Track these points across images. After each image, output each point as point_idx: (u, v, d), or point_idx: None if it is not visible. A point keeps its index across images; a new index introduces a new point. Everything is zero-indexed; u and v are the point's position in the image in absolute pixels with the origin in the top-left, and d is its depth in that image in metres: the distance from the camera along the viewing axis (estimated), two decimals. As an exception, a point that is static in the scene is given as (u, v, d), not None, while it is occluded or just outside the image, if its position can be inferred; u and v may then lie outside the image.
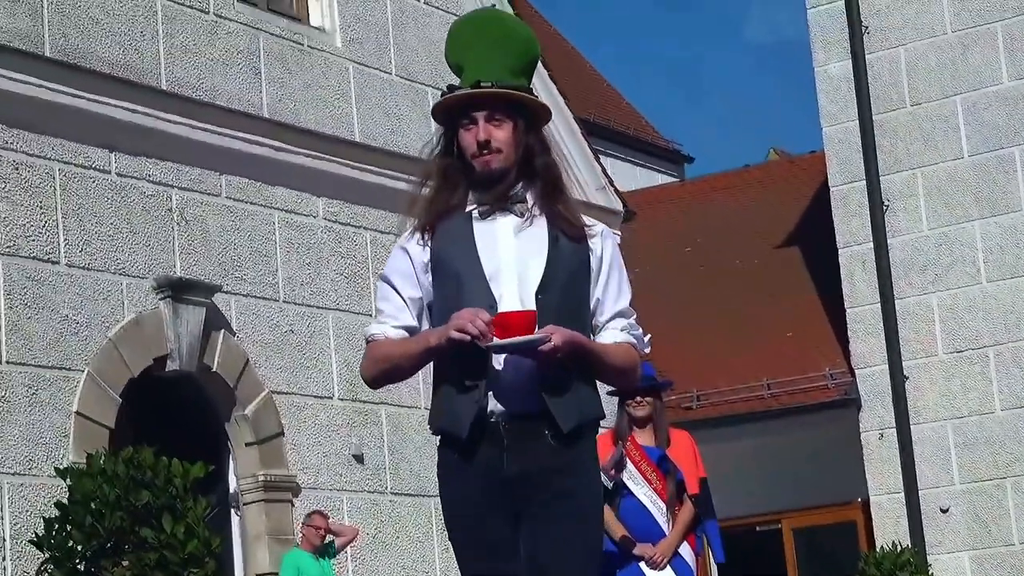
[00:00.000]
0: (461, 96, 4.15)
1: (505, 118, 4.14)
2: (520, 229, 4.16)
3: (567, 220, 4.19)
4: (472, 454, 4.10)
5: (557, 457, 4.12)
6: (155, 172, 13.39)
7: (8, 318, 12.10)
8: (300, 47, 14.90)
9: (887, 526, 17.62)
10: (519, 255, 4.14)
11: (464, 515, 4.19)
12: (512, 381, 4.09)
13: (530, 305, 4.06)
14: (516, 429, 4.10)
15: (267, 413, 13.85)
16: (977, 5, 17.40)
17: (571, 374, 4.10)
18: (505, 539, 4.13)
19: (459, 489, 4.18)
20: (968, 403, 17.38)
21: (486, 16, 4.46)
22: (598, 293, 4.23)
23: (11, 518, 11.71)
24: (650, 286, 19.49)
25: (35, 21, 12.69)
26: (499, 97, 4.15)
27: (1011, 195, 17.19)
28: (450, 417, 4.13)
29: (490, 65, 4.18)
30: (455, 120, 4.19)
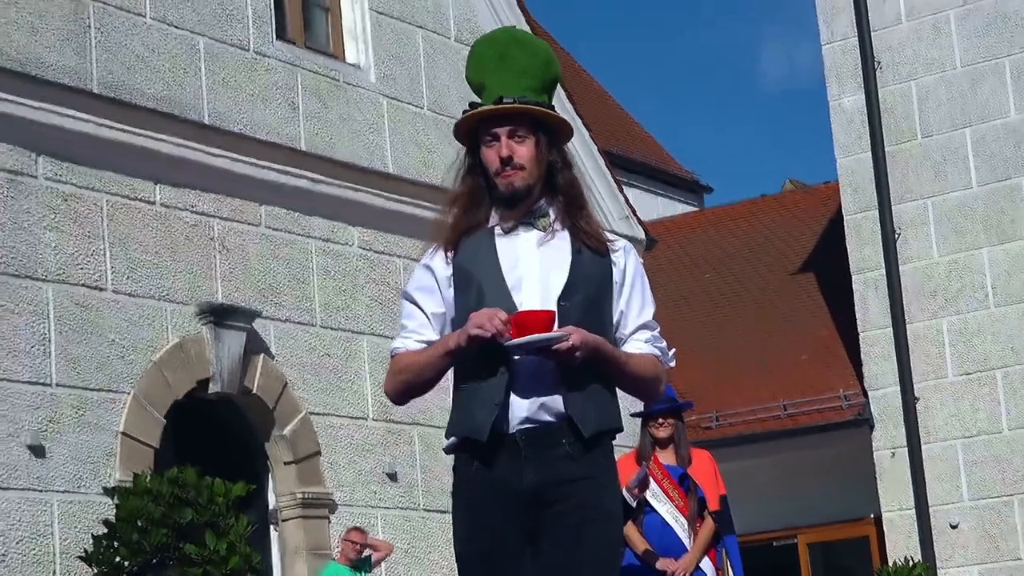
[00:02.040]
0: (484, 111, 4.07)
1: (527, 134, 4.05)
2: (543, 243, 4.05)
3: (589, 234, 4.09)
4: (491, 463, 3.99)
5: (574, 467, 4.01)
6: (197, 202, 13.46)
7: (57, 342, 12.17)
8: (336, 83, 14.96)
9: (899, 541, 17.56)
10: (542, 267, 4.02)
11: (478, 536, 4.05)
12: (531, 389, 3.97)
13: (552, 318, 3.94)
14: (533, 439, 3.97)
15: (305, 433, 13.87)
16: (985, 41, 17.42)
17: (591, 380, 4.00)
18: (514, 568, 4.02)
19: (474, 505, 4.06)
20: (977, 423, 17.34)
21: (507, 35, 4.34)
22: (622, 306, 4.12)
23: (60, 534, 11.77)
24: (671, 311, 19.50)
25: (82, 58, 12.78)
26: (521, 113, 4.05)
27: (1018, 223, 17.18)
28: (469, 424, 4.01)
29: (512, 82, 4.08)
30: (477, 138, 4.11)
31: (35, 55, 12.43)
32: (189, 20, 13.71)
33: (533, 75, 4.15)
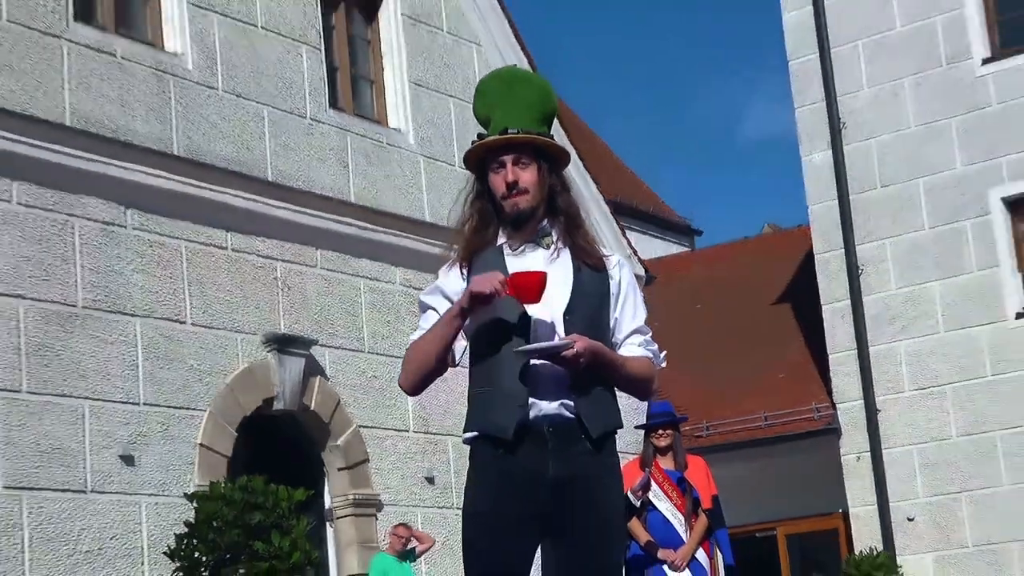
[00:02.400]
0: (492, 142, 3.97)
1: (530, 161, 3.96)
2: (547, 260, 3.94)
3: (587, 251, 4.00)
4: (516, 454, 3.84)
5: (592, 462, 3.90)
6: (263, 248, 13.43)
7: (144, 368, 12.14)
8: (380, 144, 14.93)
9: (863, 533, 17.45)
10: (550, 283, 3.85)
11: (493, 521, 3.88)
12: (551, 391, 3.86)
13: (559, 326, 3.87)
14: (558, 432, 3.85)
15: (355, 444, 13.81)
16: (935, 105, 17.36)
17: (596, 383, 3.90)
18: (524, 551, 3.89)
19: (494, 492, 3.89)
20: (929, 431, 17.21)
21: (510, 72, 4.30)
22: (616, 313, 4.02)
23: (148, 532, 11.74)
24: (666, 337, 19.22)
25: (165, 127, 12.79)
26: (525, 142, 3.96)
27: (964, 260, 17.06)
28: (494, 420, 3.88)
29: (516, 115, 3.99)
30: (485, 166, 4.02)
31: (126, 124, 12.44)
32: (255, 92, 13.72)
33: (535, 109, 4.04)
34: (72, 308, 11.72)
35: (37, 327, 11.44)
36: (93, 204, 12.05)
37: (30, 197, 11.61)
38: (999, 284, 16.97)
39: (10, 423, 11.11)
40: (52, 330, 11.53)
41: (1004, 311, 16.92)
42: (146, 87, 12.72)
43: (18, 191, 11.53)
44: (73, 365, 11.61)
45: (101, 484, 11.59)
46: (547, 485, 3.84)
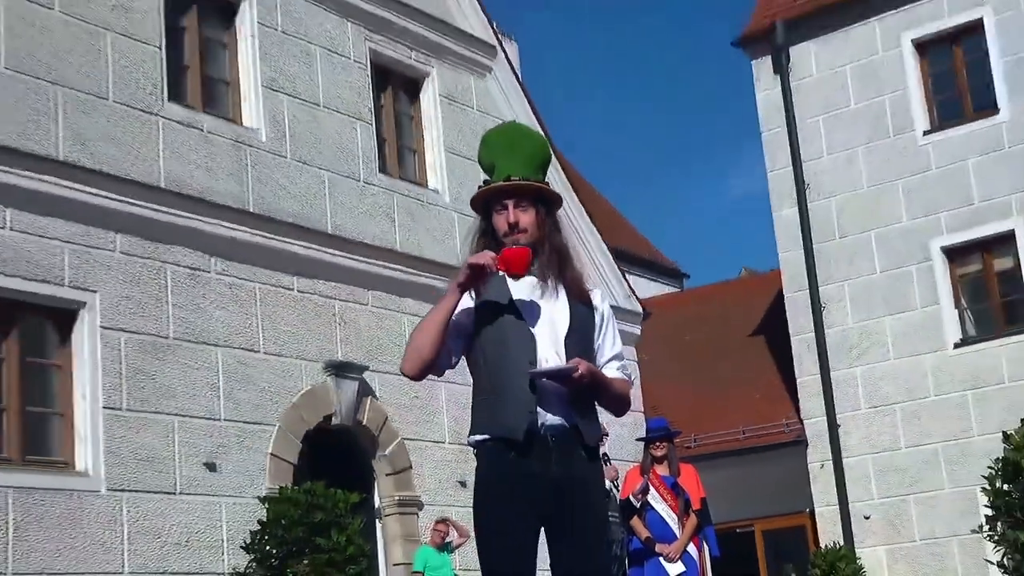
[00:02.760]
0: (498, 187, 3.90)
1: (529, 205, 3.88)
2: (544, 291, 3.86)
3: (576, 286, 3.92)
4: (524, 456, 3.74)
5: (587, 467, 3.86)
6: (323, 289, 13.46)
7: (224, 389, 12.16)
8: (421, 203, 15.00)
9: (827, 529, 17.38)
10: (547, 310, 3.85)
11: (503, 523, 3.77)
12: (554, 403, 3.79)
13: (561, 351, 3.80)
14: (560, 440, 3.78)
15: (400, 453, 13.79)
16: (884, 169, 17.40)
17: (587, 400, 3.85)
18: (529, 544, 3.77)
19: (503, 491, 3.78)
20: (882, 443, 17.17)
21: (513, 128, 4.20)
22: (599, 340, 3.94)
23: (227, 528, 11.72)
24: (660, 364, 19.46)
25: (242, 188, 12.86)
26: (526, 188, 3.89)
27: (910, 299, 17.07)
28: (505, 423, 3.77)
29: (517, 164, 3.91)
30: (490, 208, 3.94)
31: (209, 186, 12.51)
32: (317, 159, 13.78)
33: (534, 159, 3.98)
34: (164, 339, 11.77)
35: (135, 355, 11.49)
36: (182, 252, 12.12)
37: (130, 247, 11.69)
38: (940, 319, 16.94)
39: (112, 436, 11.16)
40: (147, 358, 11.59)
41: (944, 342, 16.89)
42: (226, 155, 12.80)
43: (120, 242, 11.61)
44: (165, 387, 11.65)
45: (188, 487, 11.60)
46: (550, 487, 3.77)
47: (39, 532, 10.44)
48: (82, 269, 11.24)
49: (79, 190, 11.27)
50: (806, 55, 18.25)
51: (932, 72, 17.58)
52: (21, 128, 11.02)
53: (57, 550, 10.50)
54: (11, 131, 10.94)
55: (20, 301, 10.86)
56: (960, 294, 17.09)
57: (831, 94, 18.03)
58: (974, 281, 17.12)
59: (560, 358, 3.80)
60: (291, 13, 13.93)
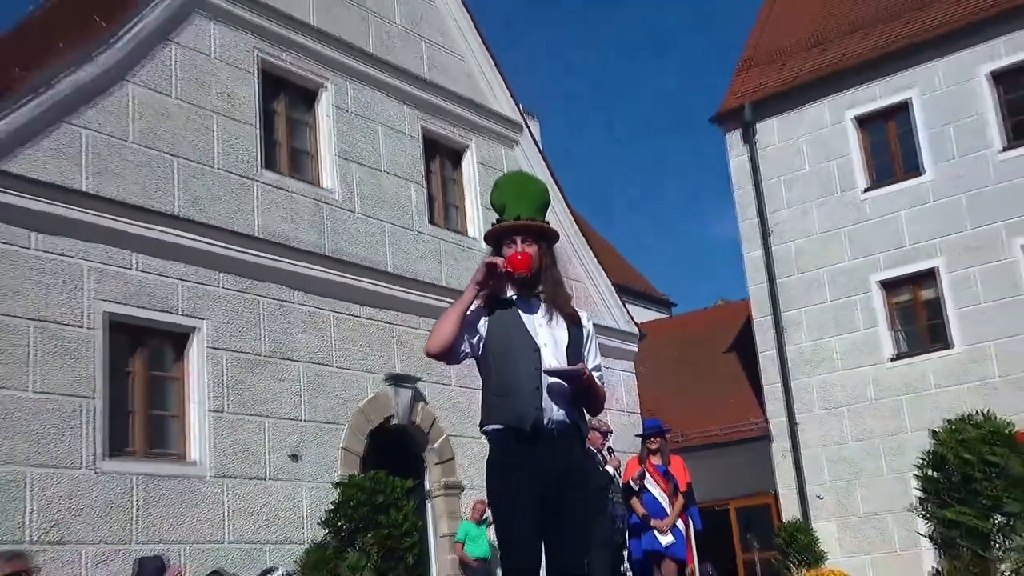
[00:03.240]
0: (510, 225, 3.86)
1: (533, 240, 3.85)
2: (545, 312, 3.85)
3: (568, 309, 3.89)
4: (533, 448, 3.69)
5: (582, 455, 3.83)
6: (385, 317, 13.44)
7: (305, 396, 12.15)
8: (462, 247, 14.97)
9: (788, 507, 17.20)
10: (549, 328, 3.83)
11: (517, 496, 3.70)
12: (557, 401, 3.76)
13: (562, 360, 3.77)
14: (561, 432, 3.75)
15: (445, 447, 13.73)
16: (833, 219, 17.35)
17: (577, 400, 3.83)
18: (538, 523, 3.70)
19: (513, 475, 3.72)
20: (832, 438, 17.00)
21: (519, 175, 4.14)
22: (586, 352, 3.88)
23: (307, 507, 11.68)
24: (654, 376, 19.34)
25: (320, 236, 12.89)
26: (531, 227, 3.86)
27: (855, 322, 16.96)
28: (515, 416, 3.73)
29: (524, 206, 3.88)
30: (501, 241, 3.90)
31: (294, 235, 12.55)
32: (380, 214, 13.80)
33: (537, 202, 3.94)
34: (258, 357, 11.79)
35: (235, 369, 11.53)
36: (273, 288, 12.15)
37: (231, 284, 11.74)
38: (878, 338, 16.78)
39: (217, 433, 11.18)
40: (244, 372, 11.61)
41: (882, 357, 16.73)
42: (308, 211, 12.84)
43: (223, 280, 11.66)
44: (258, 394, 11.67)
45: (276, 474, 11.59)
46: (552, 471, 3.71)
47: (159, 510, 10.45)
48: (193, 301, 11.30)
49: (192, 239, 11.34)
50: (769, 129, 18.22)
51: (870, 142, 17.50)
52: (146, 190, 11.12)
53: (173, 525, 10.51)
54: (138, 192, 11.03)
55: (145, 327, 10.93)
56: (894, 318, 16.93)
57: (789, 160, 17.97)
58: (905, 308, 16.96)
59: (562, 366, 3.78)
60: (359, 98, 14.01)
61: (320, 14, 13.65)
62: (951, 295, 16.22)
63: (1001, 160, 16.09)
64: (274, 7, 12.96)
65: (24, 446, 9.59)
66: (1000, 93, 16.36)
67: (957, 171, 16.38)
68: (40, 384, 9.82)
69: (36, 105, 10.32)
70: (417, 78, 14.81)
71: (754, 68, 19.03)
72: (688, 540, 9.93)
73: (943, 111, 16.66)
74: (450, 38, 15.77)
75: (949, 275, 16.25)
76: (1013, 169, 15.96)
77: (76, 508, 9.81)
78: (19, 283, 9.91)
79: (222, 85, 12.16)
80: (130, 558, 9.72)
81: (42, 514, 9.57)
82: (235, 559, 10.79)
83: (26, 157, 10.22)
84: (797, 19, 19.28)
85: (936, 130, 16.69)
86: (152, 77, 11.47)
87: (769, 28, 19.65)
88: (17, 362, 9.72)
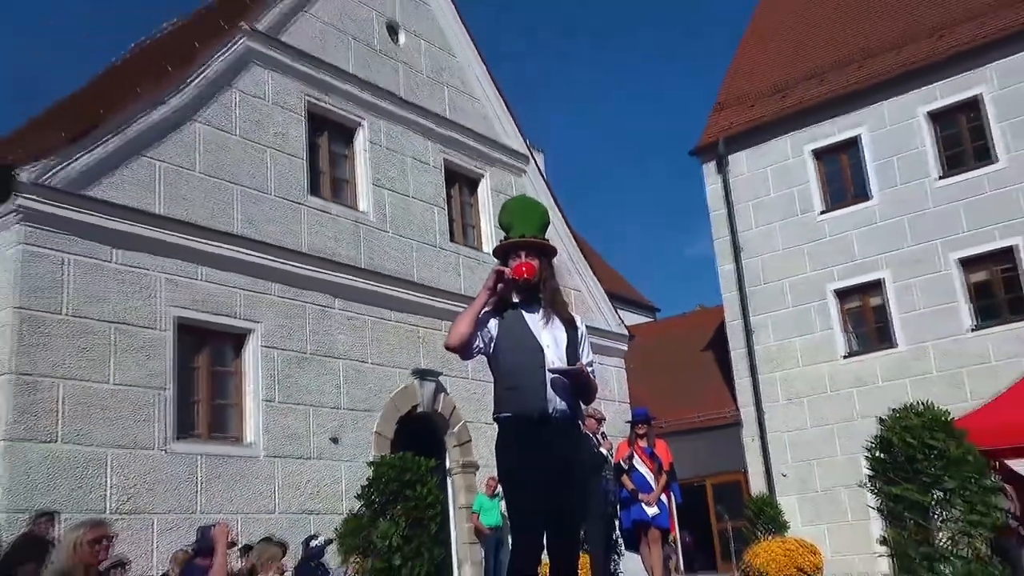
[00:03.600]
0: (515, 242, 3.83)
1: (535, 255, 3.81)
2: (545, 316, 3.81)
3: (565, 314, 3.85)
4: (538, 433, 3.66)
5: (579, 439, 3.78)
6: (412, 320, 13.35)
7: (344, 387, 12.08)
8: (478, 261, 14.85)
9: (756, 483, 16.98)
10: (550, 331, 3.78)
11: (525, 474, 3.66)
12: (559, 394, 3.72)
13: (563, 358, 3.73)
14: (564, 422, 3.71)
15: (463, 431, 13.62)
16: (794, 238, 17.16)
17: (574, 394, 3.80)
18: (542, 498, 3.67)
19: (521, 457, 3.67)
20: (794, 424, 16.75)
21: (523, 199, 4.05)
22: (580, 351, 3.83)
23: (345, 483, 11.62)
24: (641, 371, 19.14)
25: (357, 252, 12.96)
26: (534, 244, 3.83)
27: (812, 325, 16.74)
28: (524, 407, 3.68)
29: (529, 226, 3.84)
30: (507, 255, 3.83)
31: (335, 251, 12.49)
32: (408, 233, 13.73)
33: (539, 222, 3.91)
34: (303, 354, 11.72)
35: (284, 365, 11.45)
36: (316, 296, 12.08)
37: (281, 292, 11.68)
38: (833, 339, 16.56)
39: (268, 420, 11.10)
40: (292, 367, 11.54)
41: (836, 355, 16.48)
42: (347, 230, 12.77)
43: (275, 289, 11.60)
44: (303, 386, 11.59)
45: (319, 454, 11.52)
46: (554, 453, 3.68)
47: (219, 484, 10.37)
48: (250, 307, 11.23)
49: (249, 254, 11.29)
50: (739, 161, 18.07)
51: (826, 171, 17.32)
52: (211, 213, 11.07)
53: (230, 498, 10.43)
54: (204, 215, 10.98)
55: (209, 329, 10.87)
56: (847, 322, 16.71)
57: (756, 187, 17.81)
58: (856, 313, 16.74)
59: (563, 364, 3.75)
60: (390, 135, 13.95)
61: (358, 64, 13.61)
62: (895, 302, 16.04)
63: (938, 187, 15.95)
64: (319, 58, 12.94)
65: (105, 430, 9.53)
66: (936, 130, 16.24)
67: (900, 196, 16.24)
68: (119, 377, 9.77)
69: (117, 141, 10.32)
70: (440, 118, 14.75)
71: (726, 109, 18.92)
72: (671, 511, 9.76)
73: (888, 145, 16.53)
74: (469, 85, 15.70)
75: (894, 285, 16.07)
76: (948, 195, 15.82)
77: (149, 483, 9.75)
78: (102, 292, 9.87)
79: (275, 124, 12.13)
80: (194, 526, 9.58)
81: (120, 488, 9.51)
82: (283, 527, 10.70)
83: (108, 184, 10.19)
84: (762, 69, 19.19)
85: (882, 161, 16.55)
86: (215, 117, 11.44)
87: (739, 76, 19.55)
88: (100, 359, 9.67)
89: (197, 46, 11.78)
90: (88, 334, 9.62)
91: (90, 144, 10.06)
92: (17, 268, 9.29)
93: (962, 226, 15.56)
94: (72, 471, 9.16)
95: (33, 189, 9.50)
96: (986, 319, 15.35)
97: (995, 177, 15.45)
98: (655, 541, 8.88)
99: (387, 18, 14.44)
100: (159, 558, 9.54)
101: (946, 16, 16.80)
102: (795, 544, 14.63)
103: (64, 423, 9.24)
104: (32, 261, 9.41)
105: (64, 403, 9.28)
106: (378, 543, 7.79)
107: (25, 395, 9.04)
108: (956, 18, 16.59)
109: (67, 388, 9.34)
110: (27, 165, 9.54)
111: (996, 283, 15.38)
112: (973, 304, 15.49)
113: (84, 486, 9.22)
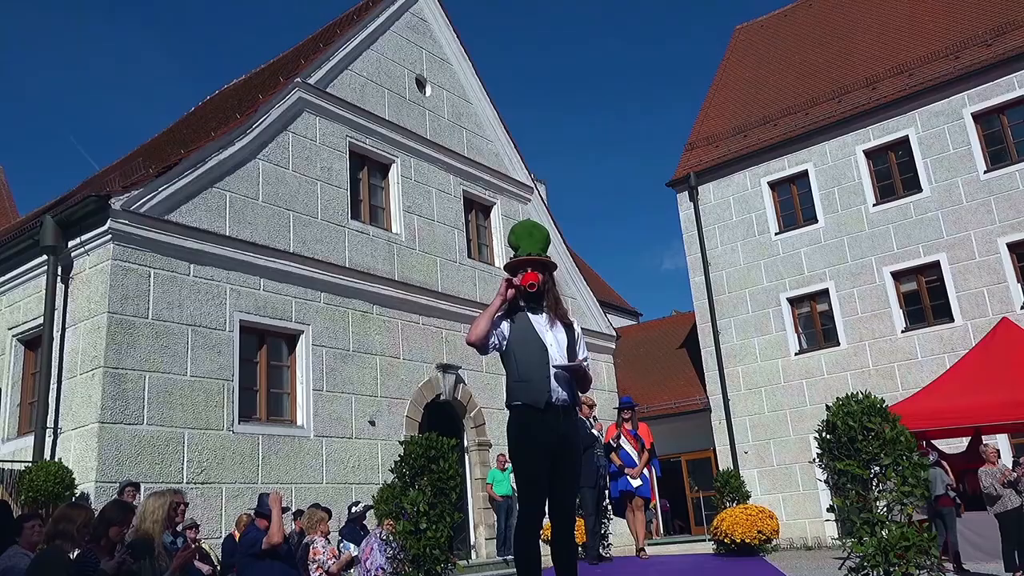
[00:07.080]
0: (523, 259, 3.84)
1: (539, 270, 3.82)
2: (550, 321, 3.80)
3: (564, 317, 3.84)
4: (543, 418, 3.67)
5: (577, 424, 3.76)
6: (436, 323, 13.28)
7: (379, 379, 12.02)
8: (491, 274, 14.70)
9: (723, 460, 16.77)
10: (553, 333, 3.77)
11: (532, 451, 3.66)
12: (562, 384, 3.71)
13: (564, 355, 3.71)
14: (564, 408, 3.70)
15: (479, 415, 13.53)
16: (753, 255, 17.05)
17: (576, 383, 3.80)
18: (545, 471, 3.67)
19: (529, 437, 3.67)
20: (753, 409, 16.56)
21: (529, 223, 4.00)
22: (577, 349, 3.82)
23: (381, 458, 11.55)
24: (626, 366, 19.07)
25: (391, 266, 12.83)
26: (538, 261, 3.83)
27: (769, 327, 16.61)
28: (533, 396, 3.68)
29: (533, 245, 3.84)
30: (515, 270, 3.84)
31: (372, 265, 12.45)
32: (434, 250, 13.70)
33: (542, 242, 3.91)
34: (346, 351, 11.69)
35: (330, 360, 11.42)
36: (357, 303, 12.05)
37: (328, 300, 11.65)
38: (786, 339, 16.40)
39: (317, 406, 11.07)
40: (337, 361, 11.50)
41: (789, 352, 16.32)
42: (382, 248, 12.73)
43: (322, 297, 11.58)
44: (346, 377, 11.55)
45: (359, 435, 11.46)
46: (558, 435, 3.70)
47: (276, 460, 10.33)
48: (301, 312, 11.22)
49: (301, 268, 11.27)
50: (707, 190, 17.99)
51: (779, 199, 17.22)
52: (269, 234, 11.07)
53: (285, 470, 10.39)
54: (264, 235, 10.99)
55: (268, 330, 10.85)
56: (798, 324, 16.57)
57: (721, 212, 17.72)
58: (806, 317, 16.61)
59: (564, 360, 3.75)
60: (419, 169, 13.94)
61: (391, 111, 13.62)
62: (839, 308, 15.92)
63: (873, 212, 15.89)
64: (360, 106, 12.96)
65: (182, 414, 9.52)
66: (871, 165, 16.20)
67: (841, 220, 16.16)
68: (193, 370, 9.77)
69: (193, 175, 10.35)
70: (459, 155, 14.73)
71: (696, 148, 18.89)
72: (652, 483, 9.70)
73: (831, 177, 16.46)
74: (483, 128, 15.70)
75: (837, 294, 15.96)
76: (881, 219, 15.76)
77: (218, 458, 9.73)
78: (180, 299, 9.88)
79: (323, 161, 12.14)
80: (255, 493, 9.62)
81: (194, 462, 9.49)
82: (329, 495, 10.67)
83: (186, 211, 10.21)
84: (725, 115, 19.18)
85: (826, 191, 16.48)
86: (274, 155, 11.47)
87: (706, 121, 19.53)
88: (178, 355, 9.67)
89: (260, 97, 11.83)
90: (168, 334, 9.64)
91: (172, 178, 10.10)
92: (109, 280, 9.34)
93: (893, 245, 15.50)
94: (154, 448, 9.17)
95: (124, 215, 9.55)
96: (914, 322, 15.26)
97: (920, 204, 15.40)
98: (639, 508, 8.81)
99: (416, 73, 14.47)
100: (227, 520, 9.51)
101: (879, 70, 16.82)
102: (756, 511, 14.40)
103: (148, 408, 9.26)
104: (122, 274, 9.45)
105: (148, 392, 9.30)
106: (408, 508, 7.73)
107: (116, 385, 9.07)
108: (887, 71, 16.61)
109: (151, 379, 9.35)
110: (119, 195, 9.59)
111: (922, 292, 15.31)
112: (903, 310, 15.42)
113: (164, 461, 9.22)
